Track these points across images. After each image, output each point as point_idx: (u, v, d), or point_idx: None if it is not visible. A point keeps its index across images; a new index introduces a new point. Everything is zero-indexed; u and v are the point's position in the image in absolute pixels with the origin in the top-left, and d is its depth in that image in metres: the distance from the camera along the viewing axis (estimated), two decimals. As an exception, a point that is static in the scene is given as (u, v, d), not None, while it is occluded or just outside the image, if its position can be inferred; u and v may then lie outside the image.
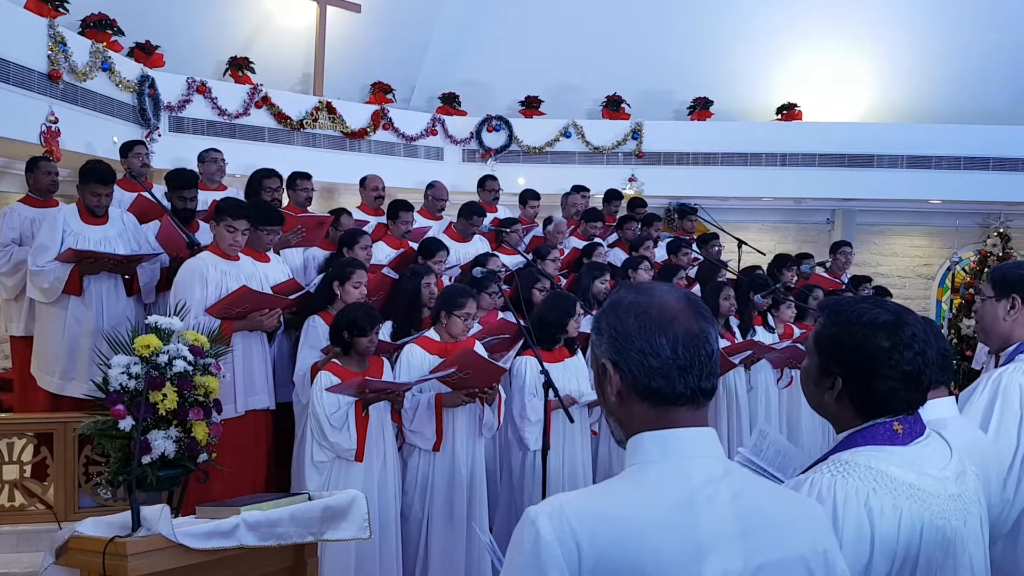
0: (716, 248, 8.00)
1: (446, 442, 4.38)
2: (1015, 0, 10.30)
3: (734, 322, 6.31)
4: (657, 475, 1.37)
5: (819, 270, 7.92)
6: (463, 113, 10.61)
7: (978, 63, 10.44)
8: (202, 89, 8.42)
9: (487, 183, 7.97)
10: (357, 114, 9.69)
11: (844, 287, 7.54)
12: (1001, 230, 10.86)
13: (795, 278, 7.33)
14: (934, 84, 10.70)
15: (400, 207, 6.41)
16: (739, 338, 6.18)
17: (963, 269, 10.47)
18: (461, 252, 6.49)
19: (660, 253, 7.52)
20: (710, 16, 10.77)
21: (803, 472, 1.81)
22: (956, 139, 10.20)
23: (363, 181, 7.15)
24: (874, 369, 1.72)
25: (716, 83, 10.90)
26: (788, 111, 10.90)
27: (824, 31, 10.78)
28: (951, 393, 2.45)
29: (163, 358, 3.69)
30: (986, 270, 9.77)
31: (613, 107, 10.81)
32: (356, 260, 4.97)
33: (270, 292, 4.73)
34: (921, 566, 1.69)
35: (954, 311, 10.05)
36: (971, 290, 10.11)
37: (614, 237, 7.99)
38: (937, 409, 2.21)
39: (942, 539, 1.71)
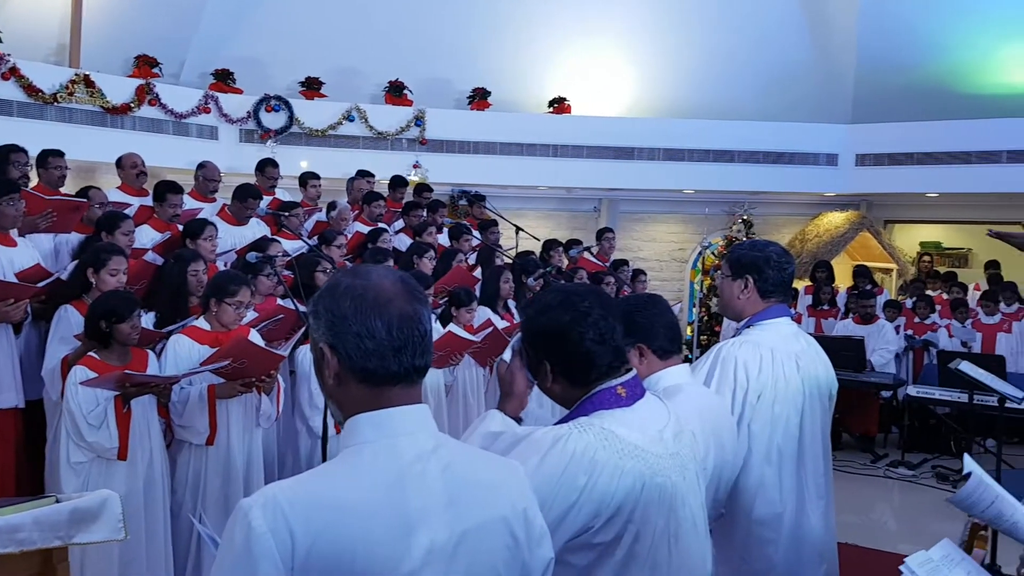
0: (495, 234, 8.14)
1: (220, 435, 4.07)
2: (754, 9, 11.26)
3: (512, 304, 6.43)
4: (370, 455, 1.37)
5: (586, 254, 8.26)
6: (239, 91, 10.02)
7: (724, 64, 11.32)
8: (-63, 57, 7.34)
9: (267, 169, 7.53)
10: (119, 88, 8.87)
11: (607, 270, 7.93)
12: (745, 217, 11.86)
13: (564, 261, 7.62)
14: (687, 82, 11.48)
15: (168, 188, 5.89)
16: (518, 319, 6.32)
17: (712, 253, 11.35)
18: (236, 236, 6.10)
19: (443, 239, 7.54)
20: (489, 7, 10.91)
21: None
22: (706, 133, 10.96)
23: (120, 160, 6.46)
24: (569, 343, 1.85)
25: (494, 74, 11.07)
26: (559, 104, 11.29)
27: (592, 30, 11.26)
28: (687, 361, 2.63)
29: None
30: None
31: (396, 93, 10.67)
32: (113, 245, 4.47)
33: (14, 279, 4.19)
34: (636, 520, 1.77)
35: (704, 291, 10.88)
36: (717, 271, 11.02)
37: (400, 223, 7.89)
38: (672, 376, 2.36)
39: (662, 494, 1.81)
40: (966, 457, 2.09)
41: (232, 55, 10.18)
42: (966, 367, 5.70)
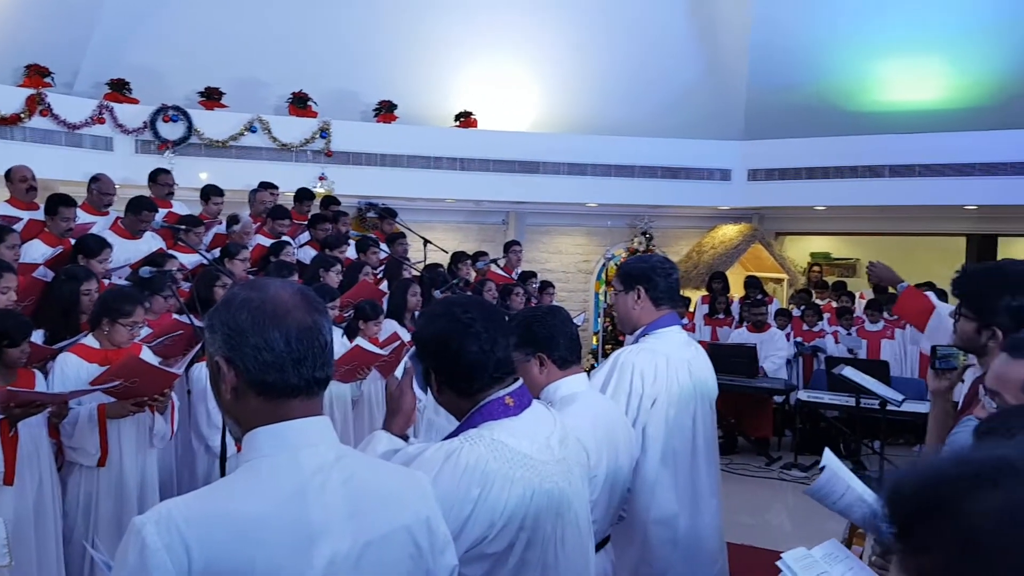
0: (403, 247, 8.11)
1: (112, 456, 3.92)
2: (651, 32, 11.60)
3: (420, 317, 6.41)
4: (269, 468, 1.35)
5: (493, 267, 8.33)
6: (135, 101, 9.67)
7: (623, 83, 11.60)
8: None
9: (159, 177, 7.29)
10: (8, 98, 8.45)
11: (515, 282, 8.01)
12: (645, 230, 12.20)
13: (472, 274, 7.65)
14: (589, 100, 11.71)
15: (60, 202, 5.65)
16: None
17: (616, 264, 11.58)
18: (130, 250, 5.89)
19: (349, 251, 7.46)
20: (395, 21, 10.88)
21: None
22: (608, 149, 11.18)
23: (8, 173, 6.18)
24: (450, 353, 1.89)
25: (400, 87, 11.03)
26: (466, 118, 11.34)
27: (497, 47, 11.37)
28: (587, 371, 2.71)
29: None
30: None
31: (300, 104, 10.50)
32: (1, 261, 4.29)
33: None
34: (527, 527, 1.81)
35: (608, 301, 11.09)
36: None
37: (306, 236, 7.76)
38: (570, 385, 2.43)
39: (551, 502, 1.85)
40: (825, 452, 2.22)
41: (129, 64, 9.83)
42: (848, 372, 5.99)
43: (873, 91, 11.40)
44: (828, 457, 2.17)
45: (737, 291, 10.32)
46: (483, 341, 1.88)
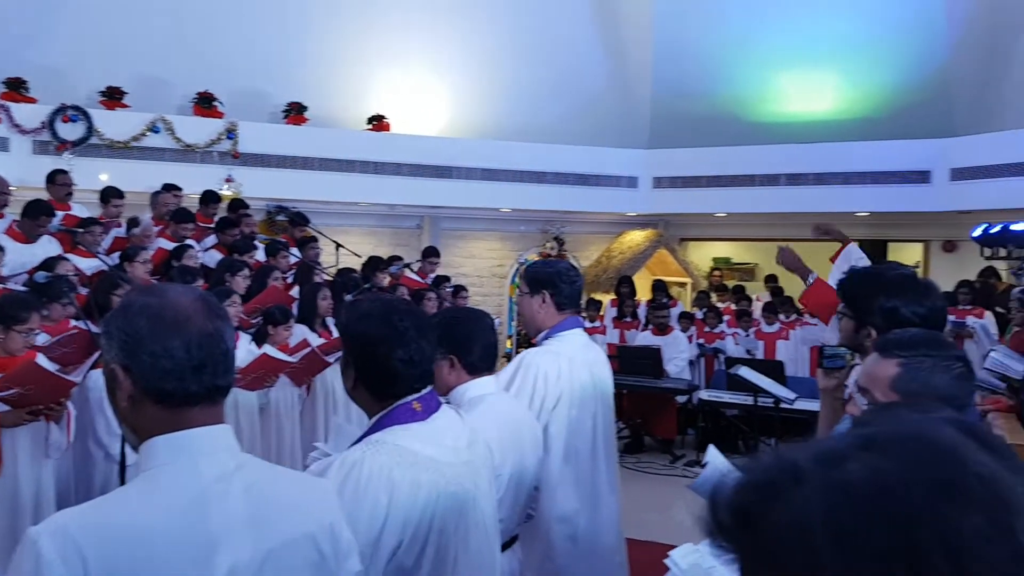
0: (315, 251, 8.00)
1: (6, 466, 3.77)
2: (557, 40, 11.80)
3: (331, 321, 6.36)
4: (168, 477, 1.33)
5: (407, 271, 8.32)
6: (33, 100, 9.27)
7: (532, 90, 11.74)
8: None
9: (57, 178, 6.99)
10: None
11: (428, 286, 8.02)
12: (557, 235, 12.39)
13: (386, 279, 7.63)
14: (500, 106, 11.81)
15: (-51, 204, 5.40)
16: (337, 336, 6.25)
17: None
18: (27, 254, 5.65)
19: (258, 255, 7.32)
20: (304, 22, 10.75)
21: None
22: (520, 155, 11.31)
23: None
24: (374, 356, 1.89)
25: (311, 89, 10.89)
26: (378, 122, 11.29)
27: (408, 51, 11.36)
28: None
29: None
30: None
31: (205, 104, 10.23)
32: None
33: None
34: (435, 530, 1.85)
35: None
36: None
37: (213, 240, 7.57)
38: (478, 387, 2.48)
39: (456, 503, 1.90)
40: (709, 448, 2.30)
41: (26, 63, 9.40)
42: (744, 372, 6.24)
43: (771, 102, 11.87)
44: (711, 454, 2.26)
45: (644, 295, 10.59)
46: (412, 351, 1.90)
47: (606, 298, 10.97)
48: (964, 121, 10.76)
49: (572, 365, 2.92)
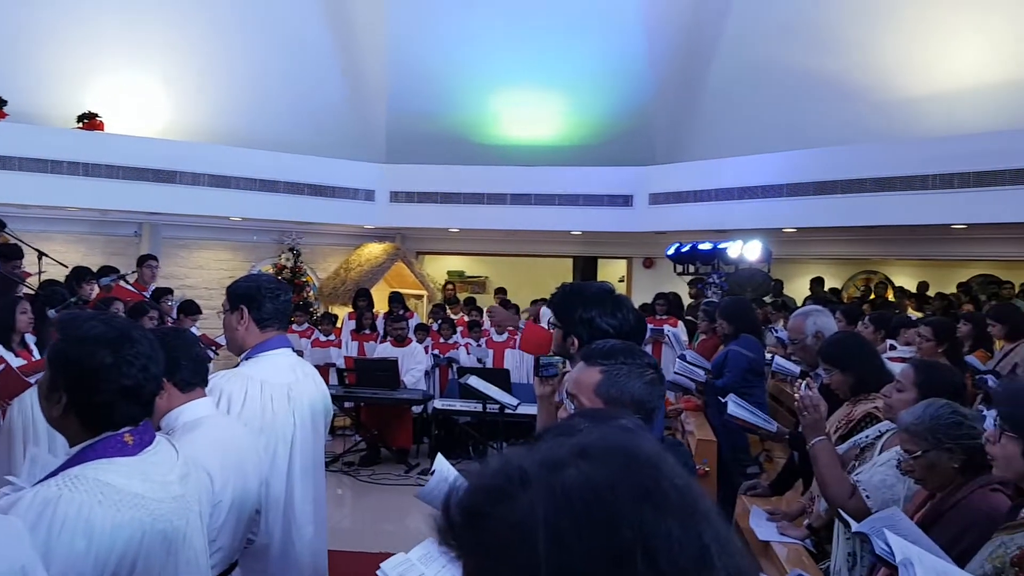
0: (14, 261, 7.06)
1: None
2: (292, 46, 11.52)
3: (31, 339, 5.66)
4: None
5: (122, 283, 7.63)
6: None
7: (262, 95, 11.40)
8: None
9: None
10: None
11: (147, 300, 7.42)
12: (292, 246, 12.02)
13: (95, 291, 6.94)
14: (228, 110, 11.29)
15: None
16: (36, 356, 5.57)
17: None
18: None
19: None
20: (2, 7, 9.53)
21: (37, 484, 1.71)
22: (252, 162, 10.87)
23: None
24: (95, 384, 1.72)
25: (9, 82, 9.66)
26: (90, 120, 10.27)
27: (125, 46, 10.52)
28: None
29: None
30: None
31: None
32: None
33: None
34: (140, 571, 1.72)
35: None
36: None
37: None
38: (194, 410, 2.35)
39: (164, 541, 1.77)
40: (438, 457, 2.35)
41: None
42: (473, 381, 6.49)
43: (499, 125, 12.49)
44: (439, 462, 2.30)
45: (382, 307, 10.61)
46: (140, 381, 1.74)
47: (343, 311, 10.85)
48: (663, 151, 12.06)
49: (264, 389, 2.72)
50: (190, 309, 7.97)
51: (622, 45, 11.63)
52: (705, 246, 9.99)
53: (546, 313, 4.23)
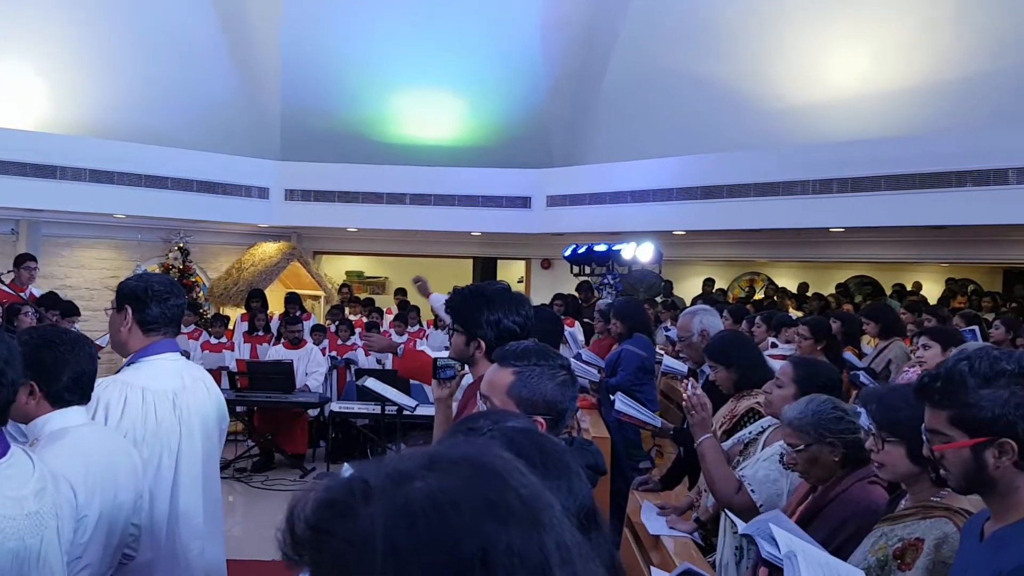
0: None
1: None
2: (179, 39, 11.03)
3: None
4: None
5: (-3, 284, 7.10)
6: None
7: (148, 88, 10.86)
8: None
9: None
10: None
11: (25, 301, 6.93)
12: (181, 245, 11.48)
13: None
14: (111, 103, 10.70)
15: None
16: None
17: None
18: None
19: None
20: None
21: None
22: (136, 157, 10.32)
23: None
24: None
25: None
26: (-42, 110, 9.55)
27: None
28: None
29: None
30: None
31: None
32: None
33: None
34: None
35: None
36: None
37: None
38: (62, 419, 2.18)
39: (16, 560, 1.66)
40: (344, 467, 2.26)
41: None
42: (371, 383, 6.34)
43: (398, 125, 12.33)
44: (345, 470, 2.22)
45: (277, 308, 10.27)
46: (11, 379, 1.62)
47: (236, 312, 10.45)
48: (560, 154, 12.18)
49: (145, 397, 2.54)
50: (69, 310, 7.47)
51: (519, 48, 11.68)
52: (600, 248, 10.13)
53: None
